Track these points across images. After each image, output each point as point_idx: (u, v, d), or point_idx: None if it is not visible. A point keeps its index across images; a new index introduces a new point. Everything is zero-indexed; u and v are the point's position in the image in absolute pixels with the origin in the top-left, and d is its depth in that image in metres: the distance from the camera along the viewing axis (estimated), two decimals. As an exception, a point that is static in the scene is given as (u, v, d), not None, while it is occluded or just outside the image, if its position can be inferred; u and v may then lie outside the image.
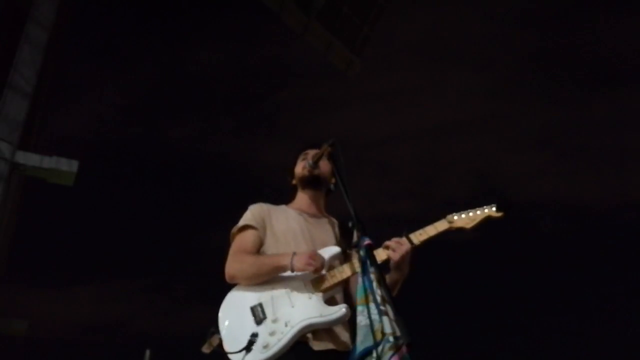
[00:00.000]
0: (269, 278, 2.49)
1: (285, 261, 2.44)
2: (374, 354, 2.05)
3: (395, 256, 2.46)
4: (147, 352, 5.17)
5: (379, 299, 2.11)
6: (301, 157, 2.91)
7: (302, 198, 2.87)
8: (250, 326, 2.39)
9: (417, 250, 2.54)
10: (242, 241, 2.66)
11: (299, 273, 2.45)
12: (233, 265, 2.58)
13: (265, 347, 2.31)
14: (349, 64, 12.50)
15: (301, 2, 11.60)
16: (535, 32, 27.85)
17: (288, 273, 2.47)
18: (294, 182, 2.93)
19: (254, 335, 2.34)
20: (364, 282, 2.20)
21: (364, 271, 2.21)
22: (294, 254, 2.45)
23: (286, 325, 2.35)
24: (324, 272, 2.45)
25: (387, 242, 2.51)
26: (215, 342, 2.46)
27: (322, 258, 2.43)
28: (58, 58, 10.90)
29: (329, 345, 2.40)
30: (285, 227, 2.69)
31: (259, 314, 2.42)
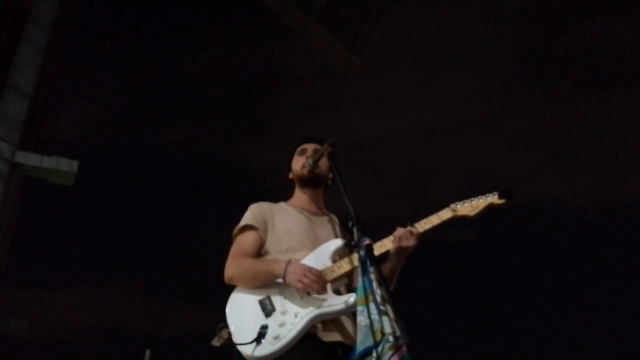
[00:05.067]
0: (265, 284, 2.50)
1: (279, 271, 2.45)
2: (374, 354, 2.05)
3: (409, 242, 2.49)
4: (147, 352, 5.16)
5: (379, 299, 2.11)
6: (298, 151, 2.91)
7: (302, 196, 2.87)
8: (259, 319, 2.40)
9: (416, 250, 2.57)
10: (242, 242, 2.67)
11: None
12: (231, 268, 2.59)
13: (276, 338, 2.33)
14: (349, 64, 12.50)
15: (301, 2, 11.60)
16: (530, 34, 27.91)
17: None
18: (290, 176, 2.93)
19: (264, 327, 2.36)
20: (364, 282, 2.20)
21: (364, 271, 2.21)
22: (289, 262, 2.45)
23: (296, 317, 2.37)
24: (314, 291, 2.40)
25: (397, 233, 2.53)
26: (225, 335, 2.46)
27: (315, 275, 2.40)
28: (58, 58, 10.90)
29: (337, 337, 2.42)
30: (287, 225, 2.69)
31: (267, 307, 2.43)
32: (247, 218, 2.72)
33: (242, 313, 2.47)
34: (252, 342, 2.32)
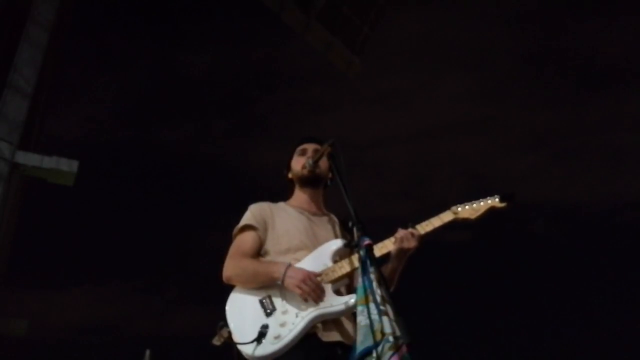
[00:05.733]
0: (264, 285, 2.50)
1: (278, 274, 2.44)
2: (374, 354, 2.05)
3: (411, 244, 2.50)
4: (147, 352, 5.15)
5: (379, 299, 2.11)
6: (298, 151, 2.89)
7: (301, 196, 2.86)
8: (259, 318, 2.39)
9: (416, 251, 2.57)
10: (241, 242, 2.66)
11: (303, 267, 2.47)
12: (230, 268, 2.58)
13: (277, 337, 2.32)
14: (349, 64, 12.52)
15: (301, 2, 11.61)
16: (528, 35, 27.95)
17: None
18: (289, 176, 2.92)
19: (265, 327, 2.35)
20: (364, 282, 2.20)
21: (364, 271, 2.21)
22: (288, 266, 2.45)
23: (297, 316, 2.37)
24: (311, 297, 2.39)
25: (398, 234, 2.54)
26: (225, 334, 2.45)
27: (314, 284, 2.40)
28: (58, 58, 10.89)
29: (337, 337, 2.42)
30: (287, 226, 2.68)
31: (268, 306, 2.43)
32: (246, 218, 2.71)
33: (242, 312, 2.46)
34: (252, 341, 2.32)
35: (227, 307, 2.51)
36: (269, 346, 2.31)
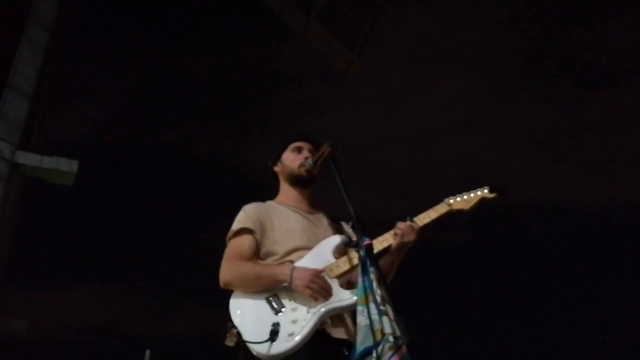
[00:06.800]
0: (266, 289, 2.47)
1: (283, 276, 2.43)
2: (374, 354, 2.05)
3: (411, 237, 2.56)
4: (147, 352, 5.15)
5: (378, 299, 2.11)
6: (293, 148, 2.87)
7: (293, 194, 2.83)
8: (269, 317, 2.38)
9: (415, 250, 2.61)
10: (238, 245, 2.61)
11: (306, 265, 2.48)
12: (229, 273, 2.54)
13: (291, 335, 2.31)
14: (349, 64, 12.51)
15: (301, 2, 11.61)
16: (528, 35, 27.93)
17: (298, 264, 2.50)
18: (276, 169, 2.89)
19: (276, 325, 2.33)
20: (364, 282, 2.20)
21: (364, 271, 2.21)
22: (294, 268, 2.45)
23: (308, 312, 2.36)
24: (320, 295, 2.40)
25: (397, 229, 2.58)
26: (236, 334, 2.44)
27: (322, 281, 2.41)
28: (58, 58, 10.89)
29: (344, 334, 2.43)
30: (287, 226, 2.67)
31: (276, 304, 2.41)
32: (242, 220, 2.67)
33: (249, 312, 2.44)
34: (266, 340, 2.29)
35: (232, 308, 2.47)
36: (284, 344, 2.29)
